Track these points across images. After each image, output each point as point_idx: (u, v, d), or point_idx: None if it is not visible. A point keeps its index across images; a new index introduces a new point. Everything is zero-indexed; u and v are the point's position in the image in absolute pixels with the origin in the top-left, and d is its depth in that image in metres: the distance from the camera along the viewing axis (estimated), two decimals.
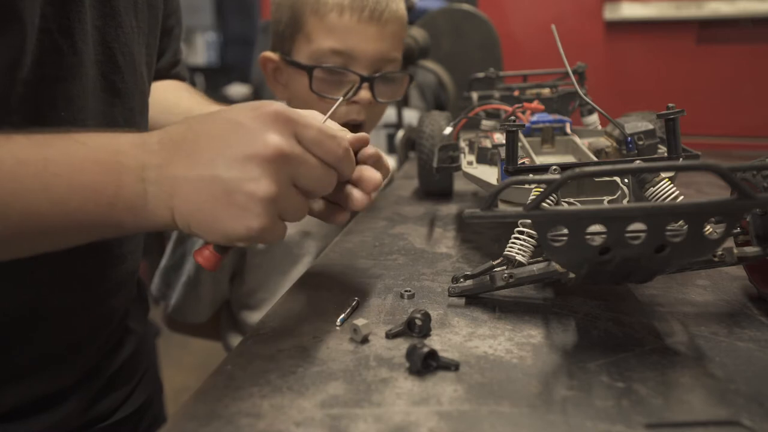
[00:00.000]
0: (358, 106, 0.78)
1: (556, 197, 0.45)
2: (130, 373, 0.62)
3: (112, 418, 0.59)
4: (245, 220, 0.37)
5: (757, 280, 0.47)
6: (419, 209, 0.77)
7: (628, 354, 0.39)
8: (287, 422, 0.32)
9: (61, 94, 0.45)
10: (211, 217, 0.37)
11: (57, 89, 0.45)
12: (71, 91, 0.46)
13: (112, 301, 0.56)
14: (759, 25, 1.73)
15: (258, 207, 0.37)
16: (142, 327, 0.66)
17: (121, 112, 0.51)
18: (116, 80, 0.50)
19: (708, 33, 1.80)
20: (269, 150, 0.37)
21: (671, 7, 1.80)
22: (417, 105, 1.59)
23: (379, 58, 0.78)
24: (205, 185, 0.37)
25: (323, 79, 0.77)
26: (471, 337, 0.42)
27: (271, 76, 0.85)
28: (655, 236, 0.35)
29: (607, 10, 1.86)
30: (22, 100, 0.42)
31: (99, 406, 0.57)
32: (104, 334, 0.57)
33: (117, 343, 0.60)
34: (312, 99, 0.77)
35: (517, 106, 0.68)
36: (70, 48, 0.45)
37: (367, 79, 0.77)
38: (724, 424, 0.32)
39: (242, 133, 0.38)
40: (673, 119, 0.49)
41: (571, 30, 1.85)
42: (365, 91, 0.77)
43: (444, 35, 1.60)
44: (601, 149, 0.60)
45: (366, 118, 0.80)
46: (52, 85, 0.44)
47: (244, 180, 0.37)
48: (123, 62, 0.51)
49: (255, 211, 0.37)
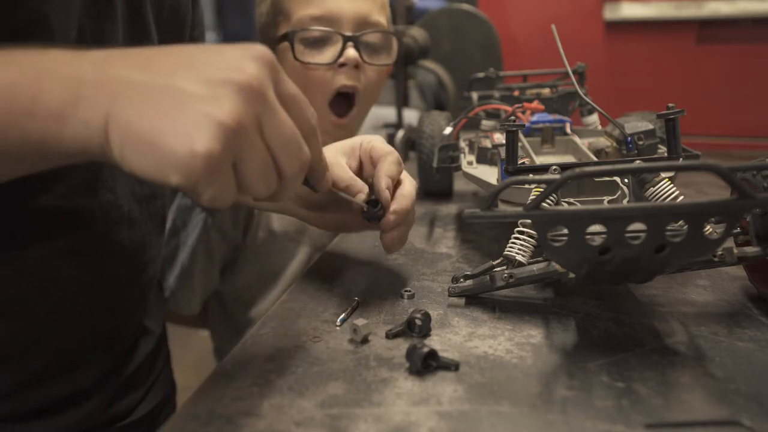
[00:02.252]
0: (346, 69, 0.78)
1: (556, 197, 0.45)
2: (147, 372, 0.62)
3: (130, 417, 0.59)
4: (192, 138, 0.30)
5: (757, 280, 0.47)
6: (419, 209, 0.77)
7: (628, 354, 0.39)
8: (287, 422, 0.32)
9: None
10: (151, 130, 0.30)
11: None
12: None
13: (134, 305, 0.57)
14: (759, 25, 1.73)
15: (212, 128, 0.30)
16: (158, 327, 0.66)
17: None
18: None
19: (708, 33, 1.80)
20: (244, 76, 0.31)
21: (671, 7, 1.80)
22: (417, 105, 1.59)
23: (361, 20, 0.78)
24: (155, 92, 0.31)
25: (306, 47, 0.78)
26: (471, 337, 0.42)
27: None
28: (655, 236, 0.35)
29: (607, 10, 1.86)
30: None
31: (117, 406, 0.57)
32: (125, 336, 0.57)
33: (135, 343, 0.61)
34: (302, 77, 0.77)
35: (517, 106, 0.68)
36: None
37: (350, 38, 0.77)
38: (724, 424, 0.32)
39: (219, 56, 0.33)
40: (673, 119, 0.49)
41: (571, 30, 1.85)
42: (352, 50, 0.77)
43: (444, 35, 1.60)
44: (601, 149, 0.60)
45: (357, 84, 0.79)
46: None
47: (204, 97, 0.30)
48: None
49: (207, 130, 0.30)
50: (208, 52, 0.33)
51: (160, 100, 0.31)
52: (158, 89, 0.31)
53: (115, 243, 0.51)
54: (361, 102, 0.81)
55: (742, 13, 1.72)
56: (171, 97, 0.31)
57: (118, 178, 0.50)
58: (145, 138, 0.30)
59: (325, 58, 0.77)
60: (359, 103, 0.81)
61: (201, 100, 0.30)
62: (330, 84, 0.78)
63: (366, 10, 0.79)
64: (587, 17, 1.88)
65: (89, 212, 0.48)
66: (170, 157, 0.30)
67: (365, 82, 0.80)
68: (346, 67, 0.78)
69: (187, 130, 0.30)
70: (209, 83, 0.31)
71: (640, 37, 1.86)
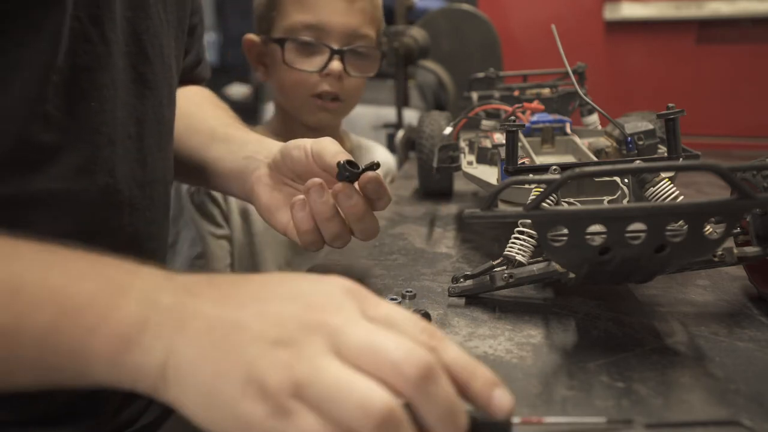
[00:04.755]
0: (330, 78, 0.84)
1: (556, 197, 0.45)
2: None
3: (137, 424, 0.58)
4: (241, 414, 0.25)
5: (757, 280, 0.47)
6: (419, 209, 0.77)
7: (628, 354, 0.39)
8: None
9: (90, 84, 0.45)
10: (206, 385, 0.26)
11: (87, 79, 0.44)
12: (100, 81, 0.45)
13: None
14: (759, 25, 1.73)
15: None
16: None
17: (150, 104, 0.51)
18: (146, 72, 0.50)
19: (708, 33, 1.80)
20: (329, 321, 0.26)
21: (671, 7, 1.80)
22: (417, 105, 1.60)
23: (350, 32, 0.83)
24: (220, 329, 0.27)
25: (296, 51, 0.83)
26: (471, 337, 0.41)
27: (254, 58, 0.90)
28: (655, 236, 0.35)
29: (607, 10, 1.86)
30: (56, 88, 0.42)
31: (125, 413, 0.56)
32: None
33: None
34: (287, 75, 0.83)
35: (517, 106, 0.68)
36: (99, 37, 0.44)
37: (337, 52, 0.82)
38: (724, 424, 0.32)
39: (321, 296, 0.28)
40: (673, 119, 0.49)
41: (571, 30, 1.85)
42: (337, 62, 0.83)
43: (444, 35, 1.60)
44: (601, 149, 0.60)
45: (340, 91, 0.85)
46: (83, 75, 0.44)
47: (273, 358, 0.25)
48: (153, 54, 0.50)
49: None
50: (312, 293, 0.29)
51: (222, 341, 0.26)
52: (222, 326, 0.27)
53: (116, 230, 0.49)
54: (343, 105, 0.88)
55: (742, 13, 1.72)
56: (235, 336, 0.26)
57: (117, 160, 0.48)
58: (200, 392, 0.26)
59: (311, 65, 0.83)
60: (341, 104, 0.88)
61: (264, 358, 0.25)
62: (314, 86, 0.84)
63: (356, 24, 0.84)
64: (587, 17, 1.88)
65: (87, 197, 0.46)
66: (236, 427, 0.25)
67: (346, 88, 0.86)
68: (330, 77, 0.84)
69: (237, 400, 0.25)
70: (293, 330, 0.26)
71: (640, 37, 1.86)
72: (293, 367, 0.25)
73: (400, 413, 0.24)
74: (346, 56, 0.83)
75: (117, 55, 0.47)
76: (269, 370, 0.25)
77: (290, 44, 0.82)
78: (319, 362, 0.25)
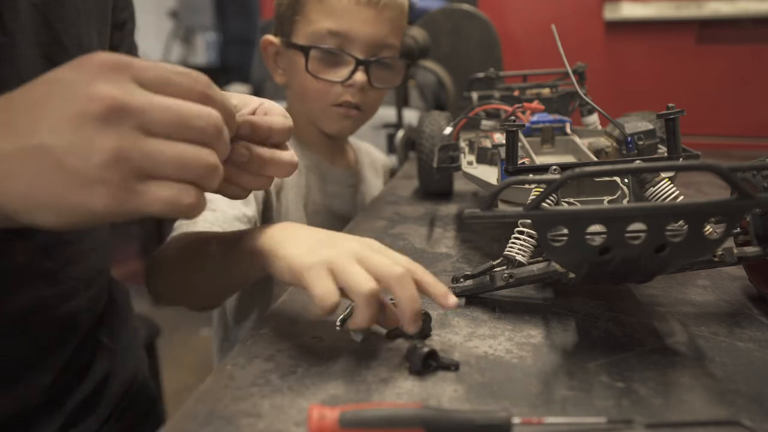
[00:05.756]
0: (353, 89, 0.80)
1: (556, 197, 0.45)
2: (106, 397, 0.57)
3: None
4: (92, 193, 0.30)
5: (757, 280, 0.47)
6: (419, 209, 0.77)
7: (628, 354, 0.39)
8: (287, 422, 0.32)
9: None
10: (50, 198, 0.31)
11: None
12: (3, 75, 0.42)
13: (76, 301, 0.52)
14: (759, 25, 1.73)
15: (100, 173, 0.30)
16: (116, 344, 0.60)
17: None
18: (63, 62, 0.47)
19: (708, 33, 1.80)
20: (96, 103, 0.30)
21: (671, 7, 1.80)
22: (417, 105, 1.59)
23: (376, 42, 0.79)
24: (29, 158, 0.31)
25: (320, 60, 0.79)
26: (471, 337, 0.42)
27: (271, 59, 0.86)
28: (655, 236, 0.35)
29: (607, 10, 1.86)
30: None
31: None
32: (72, 343, 0.53)
33: (88, 359, 0.56)
34: (309, 83, 0.79)
35: (517, 106, 0.68)
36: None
37: (362, 62, 0.78)
38: (724, 424, 0.32)
39: (62, 91, 0.31)
40: (673, 119, 0.49)
41: (571, 30, 1.85)
42: (361, 73, 0.79)
43: (444, 35, 1.60)
44: (601, 149, 0.60)
45: (361, 102, 0.81)
46: None
47: (73, 145, 0.30)
48: (69, 43, 0.47)
49: (99, 179, 0.30)
50: (55, 90, 0.32)
51: (37, 165, 0.31)
52: (29, 155, 0.31)
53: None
54: (363, 115, 0.84)
55: (742, 13, 1.72)
56: (44, 157, 0.30)
57: None
58: (51, 206, 0.31)
59: (335, 75, 0.79)
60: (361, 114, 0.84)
61: (71, 149, 0.30)
62: (336, 96, 0.80)
63: (383, 34, 0.80)
64: (587, 17, 1.88)
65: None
66: (91, 213, 0.31)
67: (368, 99, 0.83)
68: (353, 87, 0.80)
69: (81, 187, 0.30)
70: (70, 126, 0.30)
71: (640, 37, 1.87)
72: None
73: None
74: (371, 68, 0.79)
75: (23, 46, 0.43)
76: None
77: (314, 52, 0.79)
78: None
